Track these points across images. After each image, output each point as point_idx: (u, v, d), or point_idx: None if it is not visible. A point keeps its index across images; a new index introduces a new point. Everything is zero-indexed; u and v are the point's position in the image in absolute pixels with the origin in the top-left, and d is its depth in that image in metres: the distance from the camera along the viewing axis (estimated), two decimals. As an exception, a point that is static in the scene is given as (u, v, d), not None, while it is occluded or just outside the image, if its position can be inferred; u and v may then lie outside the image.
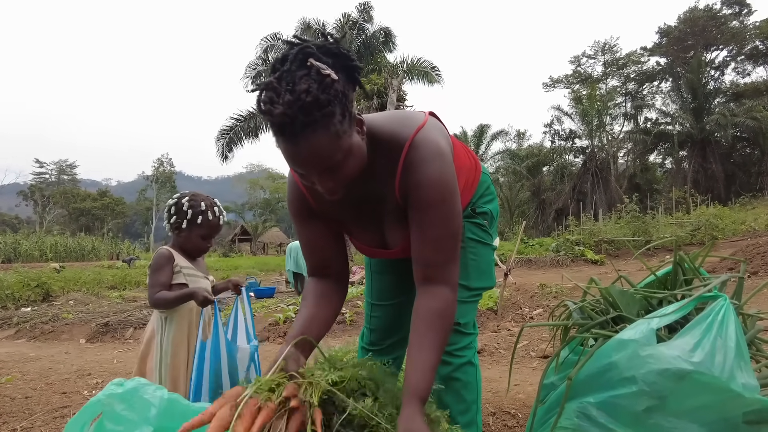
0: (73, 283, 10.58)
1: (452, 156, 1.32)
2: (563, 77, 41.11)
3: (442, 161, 1.22)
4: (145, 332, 2.03)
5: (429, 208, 1.22)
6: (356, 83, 1.12)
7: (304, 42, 1.09)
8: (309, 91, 1.00)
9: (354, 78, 1.11)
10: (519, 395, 2.50)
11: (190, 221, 1.98)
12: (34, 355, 4.51)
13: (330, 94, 1.02)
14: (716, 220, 13.74)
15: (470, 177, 1.53)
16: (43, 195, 54.80)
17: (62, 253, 29.97)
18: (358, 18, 20.54)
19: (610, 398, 1.29)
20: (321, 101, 1.00)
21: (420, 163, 1.21)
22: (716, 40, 35.72)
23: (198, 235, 2.01)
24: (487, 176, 1.62)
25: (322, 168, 1.09)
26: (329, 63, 1.06)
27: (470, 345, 1.55)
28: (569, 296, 6.05)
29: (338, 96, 1.04)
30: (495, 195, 1.63)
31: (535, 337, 4.01)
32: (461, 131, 34.95)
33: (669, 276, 1.60)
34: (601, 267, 11.21)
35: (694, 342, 1.21)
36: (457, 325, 1.50)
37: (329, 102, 1.02)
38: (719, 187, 29.51)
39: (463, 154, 1.51)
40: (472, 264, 1.53)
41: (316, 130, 1.03)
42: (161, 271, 1.96)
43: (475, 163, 1.59)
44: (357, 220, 1.42)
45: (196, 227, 1.99)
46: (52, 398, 3.02)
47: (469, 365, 1.53)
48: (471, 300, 1.55)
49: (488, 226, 1.56)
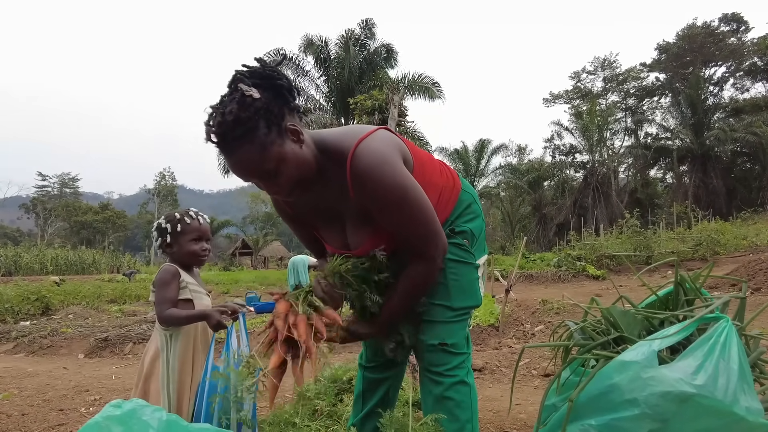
0: (73, 297, 10.52)
1: (410, 166, 1.43)
2: (563, 92, 41.41)
3: (389, 166, 1.32)
4: (147, 351, 2.00)
5: (391, 213, 1.35)
6: (286, 98, 1.26)
7: (244, 68, 1.25)
8: (231, 111, 1.17)
9: (281, 94, 1.25)
10: (520, 415, 2.47)
11: (173, 233, 2.02)
12: (32, 370, 4.48)
13: (250, 111, 1.18)
14: (718, 235, 13.72)
15: (445, 196, 1.55)
16: (45, 208, 54.89)
17: (63, 266, 29.92)
18: (361, 34, 20.79)
19: (611, 421, 1.28)
20: (241, 119, 1.17)
21: (366, 172, 1.30)
22: (714, 57, 36.03)
23: (187, 241, 2.03)
24: (468, 195, 1.63)
25: (256, 175, 1.27)
26: (258, 83, 1.21)
27: (461, 365, 1.54)
28: (571, 312, 6.01)
29: (260, 112, 1.19)
30: (478, 213, 1.63)
31: (537, 355, 3.97)
32: (462, 146, 35.04)
33: (670, 296, 1.59)
34: (603, 282, 11.15)
35: (696, 364, 1.20)
36: (444, 345, 1.51)
37: (249, 119, 1.18)
38: (720, 202, 29.52)
39: (435, 173, 1.55)
40: (453, 284, 1.53)
41: (242, 144, 1.20)
42: (168, 287, 1.95)
43: (453, 182, 1.60)
44: (323, 222, 1.55)
45: (181, 236, 2.02)
46: (48, 415, 2.99)
47: (462, 384, 1.52)
48: (456, 320, 1.55)
49: (469, 246, 1.56)
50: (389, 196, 1.32)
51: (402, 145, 1.45)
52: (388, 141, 1.41)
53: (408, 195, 1.33)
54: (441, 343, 1.51)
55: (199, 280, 2.14)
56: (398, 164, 1.35)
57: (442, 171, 1.60)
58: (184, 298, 1.99)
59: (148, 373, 1.95)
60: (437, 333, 1.52)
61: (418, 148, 1.59)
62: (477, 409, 1.57)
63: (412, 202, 1.34)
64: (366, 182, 1.31)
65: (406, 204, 1.33)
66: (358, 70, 20.45)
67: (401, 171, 1.34)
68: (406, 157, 1.44)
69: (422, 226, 1.37)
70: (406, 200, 1.33)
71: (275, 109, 1.22)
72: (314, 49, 21.01)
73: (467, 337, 1.59)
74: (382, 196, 1.32)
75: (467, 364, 1.56)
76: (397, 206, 1.33)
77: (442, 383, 1.51)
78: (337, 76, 20.96)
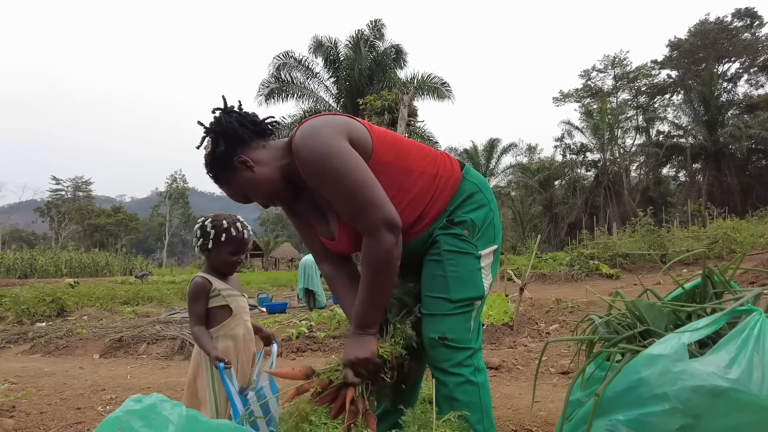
0: (87, 299, 10.63)
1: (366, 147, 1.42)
2: (573, 91, 41.12)
3: (316, 137, 1.36)
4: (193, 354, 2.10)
5: (316, 182, 1.39)
6: (235, 138, 1.48)
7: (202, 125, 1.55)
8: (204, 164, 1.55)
9: (230, 136, 1.48)
10: (540, 412, 2.43)
11: (215, 240, 2.04)
12: (49, 370, 4.52)
13: (210, 164, 1.52)
14: (734, 233, 13.54)
15: (439, 183, 1.51)
16: (59, 211, 55.66)
17: (77, 268, 30.28)
18: (370, 35, 20.78)
19: (640, 416, 1.24)
20: (208, 170, 1.54)
21: (297, 148, 1.38)
22: (728, 53, 35.52)
23: (226, 252, 2.06)
24: (472, 184, 1.56)
25: (236, 200, 1.56)
26: (214, 133, 1.50)
27: (465, 362, 1.47)
28: (585, 311, 5.94)
29: (213, 161, 1.50)
30: (483, 203, 1.54)
31: (554, 353, 3.92)
32: (472, 145, 34.95)
33: (697, 289, 1.55)
34: (617, 281, 11.04)
35: (729, 358, 1.16)
36: (445, 339, 1.45)
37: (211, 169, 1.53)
38: (735, 199, 29.08)
39: (420, 159, 1.52)
40: (451, 275, 1.47)
41: (219, 184, 1.56)
42: (196, 302, 2.03)
43: (452, 171, 1.55)
44: (313, 217, 1.62)
45: (222, 245, 2.04)
46: (66, 414, 3.01)
47: (468, 384, 1.46)
48: (456, 312, 1.47)
49: (469, 236, 1.49)
50: (313, 166, 1.35)
51: (350, 125, 1.43)
52: (328, 120, 1.43)
53: (332, 162, 1.33)
54: (441, 337, 1.45)
55: (235, 282, 2.19)
56: (328, 136, 1.35)
57: (436, 159, 1.55)
58: (219, 305, 2.06)
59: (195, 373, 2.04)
60: (437, 326, 1.47)
61: (394, 133, 1.56)
62: (489, 407, 1.51)
63: (336, 171, 1.32)
64: (298, 158, 1.38)
65: (330, 173, 1.33)
66: (367, 71, 20.45)
67: (328, 141, 1.34)
68: (355, 137, 1.41)
69: (351, 197, 1.33)
70: (330, 168, 1.33)
71: (219, 156, 1.48)
72: (324, 50, 21.07)
73: (473, 332, 1.51)
74: (308, 168, 1.36)
75: (474, 361, 1.49)
76: (320, 175, 1.35)
77: (447, 384, 1.46)
78: (346, 77, 20.99)
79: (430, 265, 1.53)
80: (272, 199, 1.56)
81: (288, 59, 20.91)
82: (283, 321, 6.78)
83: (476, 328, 1.53)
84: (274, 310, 9.22)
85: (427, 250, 1.54)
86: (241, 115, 1.53)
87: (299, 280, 9.73)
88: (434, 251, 1.51)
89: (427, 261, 1.54)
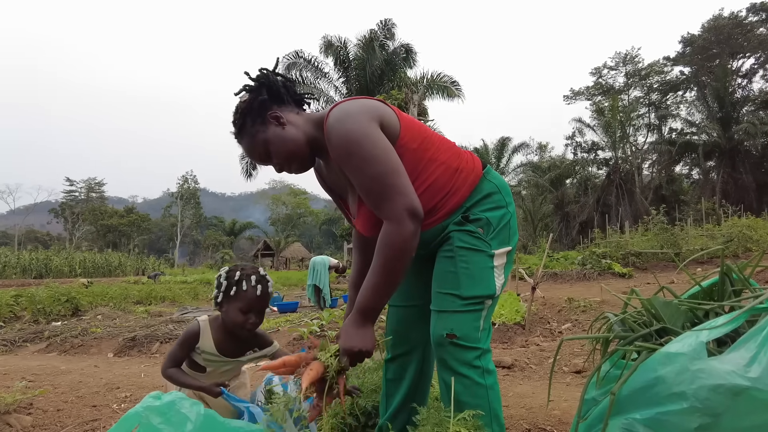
0: (101, 298, 10.75)
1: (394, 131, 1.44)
2: (584, 89, 40.74)
3: (348, 119, 1.38)
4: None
5: (343, 165, 1.39)
6: (272, 93, 1.52)
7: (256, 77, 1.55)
8: (235, 112, 1.54)
9: (274, 91, 1.53)
10: (554, 411, 2.42)
11: (225, 293, 1.86)
12: (65, 368, 4.58)
13: (242, 112, 1.51)
14: (750, 231, 13.30)
15: (459, 177, 1.52)
16: (72, 212, 56.40)
17: (90, 268, 30.72)
18: (380, 35, 20.78)
19: (658, 415, 1.23)
20: (236, 119, 1.53)
21: (329, 129, 1.40)
22: (743, 48, 34.96)
23: (236, 309, 1.85)
24: (492, 184, 1.56)
25: (256, 157, 1.53)
26: (250, 88, 1.53)
27: (474, 362, 1.44)
28: (598, 310, 5.89)
29: (245, 111, 1.50)
30: (502, 204, 1.54)
31: (567, 352, 3.90)
32: (482, 144, 34.82)
33: (715, 287, 1.53)
34: (629, 280, 10.92)
35: (749, 356, 1.14)
36: (453, 337, 1.44)
37: (239, 118, 1.52)
38: (751, 197, 28.63)
39: (445, 152, 1.53)
40: (462, 272, 1.46)
41: (242, 136, 1.54)
42: (181, 347, 1.89)
43: (473, 167, 1.56)
44: (343, 194, 1.68)
45: (231, 300, 1.85)
46: (82, 411, 3.04)
47: (477, 386, 1.44)
48: (466, 309, 1.46)
49: (483, 234, 1.49)
50: (344, 149, 1.36)
51: (382, 110, 1.45)
52: (362, 103, 1.45)
53: (362, 147, 1.33)
54: (449, 335, 1.43)
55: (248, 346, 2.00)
56: (360, 119, 1.37)
57: (459, 155, 1.56)
58: (196, 361, 1.93)
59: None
60: (445, 323, 1.45)
61: (421, 123, 1.57)
62: (499, 411, 1.49)
63: (366, 155, 1.33)
64: (329, 138, 1.40)
65: (359, 157, 1.34)
66: (378, 70, 20.46)
67: (359, 124, 1.36)
68: (386, 122, 1.43)
69: (377, 182, 1.33)
70: (360, 152, 1.33)
71: (255, 106, 1.49)
72: (334, 50, 21.12)
73: (482, 332, 1.48)
74: (339, 150, 1.37)
75: (483, 363, 1.46)
76: (349, 158, 1.36)
77: (454, 386, 1.43)
78: (356, 77, 21.02)
79: (442, 262, 1.52)
80: (291, 162, 1.52)
81: (298, 59, 21.01)
82: (295, 320, 6.81)
83: (486, 328, 1.51)
84: (285, 309, 9.27)
85: (439, 246, 1.54)
86: (286, 78, 1.59)
87: (309, 278, 9.87)
88: (447, 247, 1.51)
89: (440, 257, 1.54)
